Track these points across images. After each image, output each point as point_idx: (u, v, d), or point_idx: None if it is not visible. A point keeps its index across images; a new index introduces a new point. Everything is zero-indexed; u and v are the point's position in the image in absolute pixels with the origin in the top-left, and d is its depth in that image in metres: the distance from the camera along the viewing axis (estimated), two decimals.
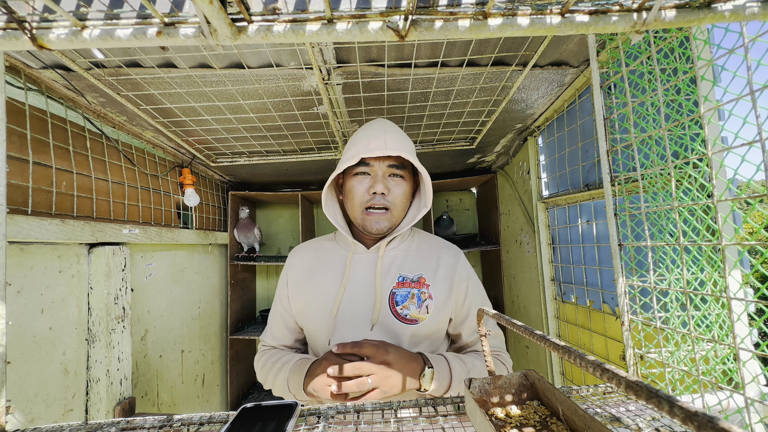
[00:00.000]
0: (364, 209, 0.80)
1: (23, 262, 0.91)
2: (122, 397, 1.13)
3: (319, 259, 0.87)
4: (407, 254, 0.86)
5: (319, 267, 0.86)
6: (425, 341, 0.80)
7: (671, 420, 0.50)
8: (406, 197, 0.83)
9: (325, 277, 0.84)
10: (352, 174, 0.81)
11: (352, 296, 0.80)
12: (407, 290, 0.80)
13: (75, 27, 0.37)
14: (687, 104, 0.65)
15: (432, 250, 0.88)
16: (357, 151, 0.78)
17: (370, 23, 0.36)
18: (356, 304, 0.79)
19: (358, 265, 0.83)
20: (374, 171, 0.80)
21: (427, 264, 0.85)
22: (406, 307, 0.78)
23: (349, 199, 0.82)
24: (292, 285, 0.86)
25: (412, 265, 0.84)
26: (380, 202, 0.79)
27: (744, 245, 0.51)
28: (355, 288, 0.81)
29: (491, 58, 0.90)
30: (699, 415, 0.21)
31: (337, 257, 0.86)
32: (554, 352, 0.34)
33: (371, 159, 0.79)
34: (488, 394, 0.50)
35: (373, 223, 0.80)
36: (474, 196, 2.45)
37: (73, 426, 0.54)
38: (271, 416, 0.50)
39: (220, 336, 1.96)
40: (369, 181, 0.80)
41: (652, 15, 0.35)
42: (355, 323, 0.78)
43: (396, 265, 0.83)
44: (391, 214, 0.81)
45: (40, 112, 0.96)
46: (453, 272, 0.84)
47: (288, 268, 0.89)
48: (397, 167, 0.80)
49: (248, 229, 2.01)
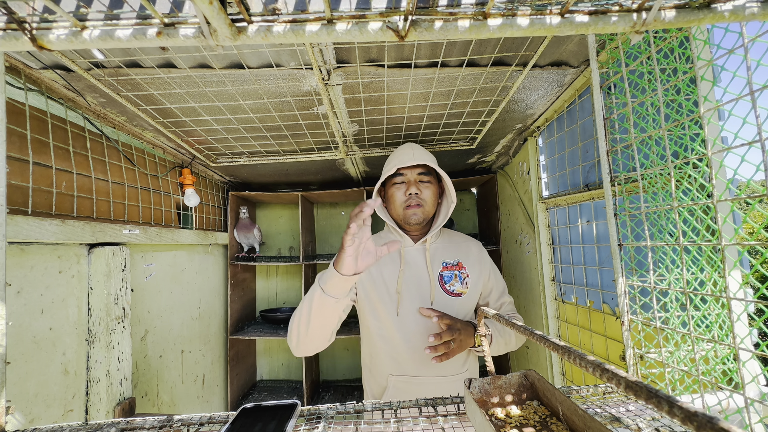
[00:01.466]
0: (404, 207, 1.04)
1: (23, 262, 0.91)
2: (122, 397, 1.13)
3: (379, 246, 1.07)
4: (445, 246, 1.11)
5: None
6: (467, 309, 1.06)
7: (671, 420, 0.50)
8: (434, 196, 1.07)
9: (386, 263, 1.06)
10: (392, 184, 1.07)
11: (408, 278, 1.04)
12: (451, 272, 1.06)
13: (75, 27, 0.37)
14: (687, 104, 0.65)
15: (461, 242, 1.15)
16: (394, 165, 1.03)
17: (370, 23, 0.36)
18: (413, 285, 1.03)
19: (410, 255, 1.07)
20: (408, 178, 1.05)
21: (461, 252, 1.11)
22: (452, 284, 1.05)
23: (391, 203, 1.07)
24: None
25: (451, 254, 1.10)
26: (415, 200, 1.03)
27: (744, 245, 0.51)
28: (411, 272, 1.05)
29: (491, 58, 0.90)
30: (698, 415, 0.21)
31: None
32: (554, 352, 0.34)
33: (404, 169, 1.05)
34: (488, 395, 0.50)
35: (412, 215, 1.03)
36: (474, 196, 2.45)
37: (73, 426, 0.54)
38: (271, 416, 0.50)
39: (220, 336, 1.96)
40: (405, 187, 1.05)
41: (652, 15, 0.35)
42: (417, 298, 1.02)
43: (438, 255, 1.08)
44: (424, 209, 1.04)
45: (40, 112, 0.96)
46: (480, 257, 1.12)
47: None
48: (425, 173, 1.05)
49: (248, 230, 2.01)
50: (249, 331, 2.01)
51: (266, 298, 2.38)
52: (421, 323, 0.99)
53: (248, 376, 2.18)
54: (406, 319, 1.00)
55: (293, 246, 2.39)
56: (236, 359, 2.00)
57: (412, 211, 1.03)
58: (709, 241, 0.58)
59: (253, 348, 2.29)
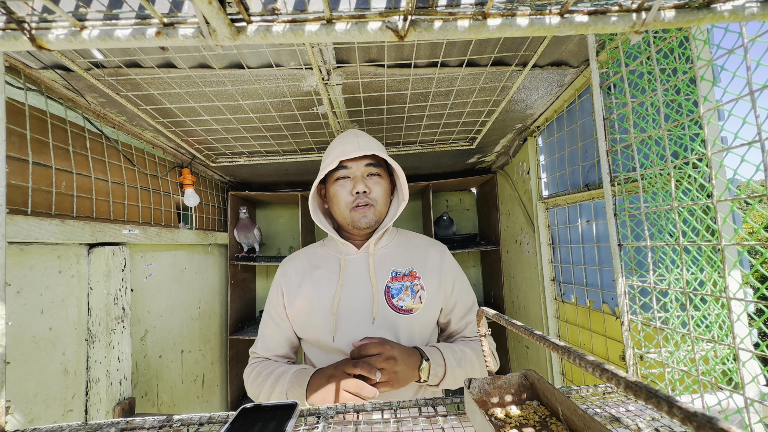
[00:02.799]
0: (351, 209, 0.86)
1: (23, 262, 0.91)
2: (122, 397, 1.13)
3: (312, 264, 0.92)
4: (396, 251, 0.92)
5: (314, 271, 0.90)
6: (420, 329, 0.86)
7: (671, 420, 0.50)
8: (386, 193, 0.89)
9: (322, 279, 0.88)
10: (334, 180, 0.88)
11: (349, 294, 0.85)
12: (401, 283, 0.86)
13: (74, 27, 0.37)
14: (686, 104, 0.65)
15: (419, 246, 0.95)
16: (335, 157, 0.84)
17: (370, 23, 0.36)
18: (354, 300, 0.85)
19: (351, 265, 0.89)
20: (353, 173, 0.86)
21: (416, 259, 0.91)
22: (401, 298, 0.85)
23: (334, 203, 0.88)
24: (288, 291, 0.90)
25: (402, 261, 0.90)
26: (363, 200, 0.85)
27: (743, 245, 0.51)
28: (352, 286, 0.86)
29: (491, 58, 0.90)
30: (698, 415, 0.21)
31: (331, 260, 0.91)
32: (554, 352, 0.34)
33: (349, 161, 0.85)
34: (488, 395, 0.50)
35: (361, 217, 0.85)
36: (474, 196, 2.45)
37: (72, 426, 0.53)
38: (271, 416, 0.50)
39: (220, 336, 1.96)
40: (350, 183, 0.86)
41: (652, 15, 0.35)
42: (355, 318, 0.83)
43: (388, 262, 0.89)
44: (375, 209, 0.87)
45: (39, 112, 0.96)
46: (441, 265, 0.92)
47: (281, 276, 0.93)
48: (374, 165, 0.87)
49: (248, 230, 2.01)
50: (249, 331, 2.01)
51: (266, 298, 2.38)
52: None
53: None
54: (343, 346, 0.81)
55: (293, 246, 2.40)
56: (236, 359, 1.99)
57: (361, 213, 0.85)
58: (708, 241, 0.58)
59: None
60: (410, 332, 0.84)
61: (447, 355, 0.79)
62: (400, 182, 0.90)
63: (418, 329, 0.86)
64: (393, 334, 0.82)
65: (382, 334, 0.81)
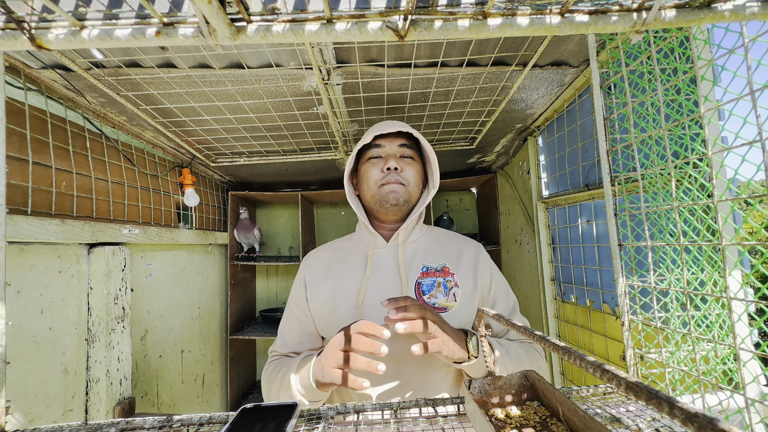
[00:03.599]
0: (379, 186, 0.81)
1: (23, 262, 0.91)
2: (122, 397, 1.13)
3: (337, 257, 0.87)
4: (427, 246, 0.86)
5: (339, 264, 0.85)
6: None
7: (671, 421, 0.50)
8: (418, 176, 0.84)
9: (347, 271, 0.83)
10: (365, 160, 0.84)
11: (376, 287, 0.79)
12: (432, 279, 0.80)
13: (74, 27, 0.37)
14: (687, 104, 0.65)
15: (452, 242, 0.89)
16: (370, 133, 0.82)
17: (370, 23, 0.36)
18: (381, 294, 0.77)
19: (379, 258, 0.83)
20: (386, 151, 0.83)
21: (449, 254, 0.85)
22: (433, 296, 0.78)
23: (364, 181, 0.84)
24: (311, 284, 0.84)
25: (434, 256, 0.84)
26: (395, 178, 0.80)
27: (744, 245, 0.51)
28: (379, 279, 0.80)
29: (491, 58, 0.90)
30: (699, 415, 0.21)
31: (357, 253, 0.86)
32: (554, 352, 0.34)
33: (382, 138, 0.83)
34: (488, 395, 0.50)
35: (389, 192, 0.79)
36: (474, 196, 2.45)
37: (72, 426, 0.53)
38: (271, 417, 0.50)
39: (220, 336, 1.96)
40: (382, 162, 0.82)
41: (652, 15, 0.35)
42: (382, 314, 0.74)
43: (418, 257, 0.83)
44: (407, 189, 0.81)
45: (39, 112, 0.96)
46: (476, 262, 0.85)
47: (304, 268, 0.88)
48: (408, 147, 0.84)
49: (248, 230, 2.01)
50: (249, 330, 2.01)
51: (266, 298, 2.38)
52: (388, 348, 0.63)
53: (248, 376, 2.18)
54: None
55: (293, 246, 2.39)
56: (236, 359, 1.99)
57: (391, 188, 0.79)
58: (709, 241, 0.58)
59: (253, 348, 2.29)
60: None
61: (492, 341, 0.72)
62: (432, 167, 0.85)
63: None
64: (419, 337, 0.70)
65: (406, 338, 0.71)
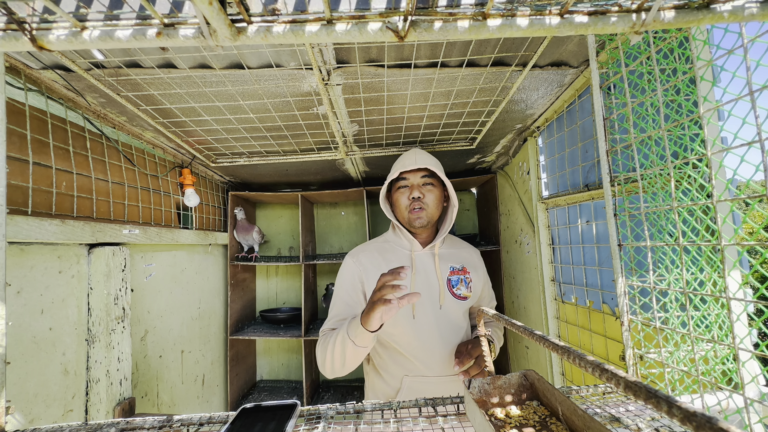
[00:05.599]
0: (409, 211, 1.09)
1: (23, 262, 0.91)
2: (122, 397, 1.13)
3: (383, 256, 1.13)
4: (450, 252, 1.19)
5: (387, 262, 1.10)
6: (466, 314, 1.14)
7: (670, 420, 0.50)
8: (437, 200, 1.11)
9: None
10: (396, 188, 1.13)
11: (420, 282, 1.09)
12: (458, 276, 1.13)
13: (75, 28, 0.37)
14: (686, 104, 0.65)
15: (464, 248, 1.23)
16: (397, 169, 1.10)
17: (370, 24, 0.36)
18: (424, 288, 1.08)
19: (419, 260, 1.12)
20: (410, 182, 1.10)
21: (464, 258, 1.19)
22: (459, 288, 1.12)
23: (396, 207, 1.14)
24: (367, 276, 1.08)
25: (456, 259, 1.17)
26: (418, 204, 1.08)
27: (743, 245, 0.51)
28: (421, 276, 1.10)
29: (491, 58, 0.90)
30: (698, 415, 0.21)
31: (401, 254, 1.14)
32: (554, 352, 0.34)
33: (407, 173, 1.10)
34: (488, 395, 0.50)
35: (416, 219, 1.09)
36: (474, 197, 2.45)
37: (72, 426, 0.53)
38: (271, 416, 0.50)
39: (220, 336, 1.96)
40: (408, 191, 1.10)
41: (651, 16, 0.36)
42: (427, 303, 1.07)
43: (446, 260, 1.15)
44: (427, 212, 1.09)
45: (40, 112, 0.96)
46: (479, 265, 1.21)
47: (356, 266, 1.11)
48: (428, 176, 1.11)
49: (246, 231, 2.01)
50: (249, 331, 2.01)
51: (266, 298, 2.38)
52: (434, 325, 1.05)
53: (248, 376, 2.18)
54: (420, 322, 1.05)
55: (293, 246, 2.39)
56: (236, 359, 1.99)
57: (416, 215, 1.08)
58: (708, 242, 0.58)
59: (253, 348, 2.29)
60: (460, 316, 1.10)
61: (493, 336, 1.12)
62: (450, 191, 1.13)
63: (465, 314, 1.13)
64: (455, 315, 1.09)
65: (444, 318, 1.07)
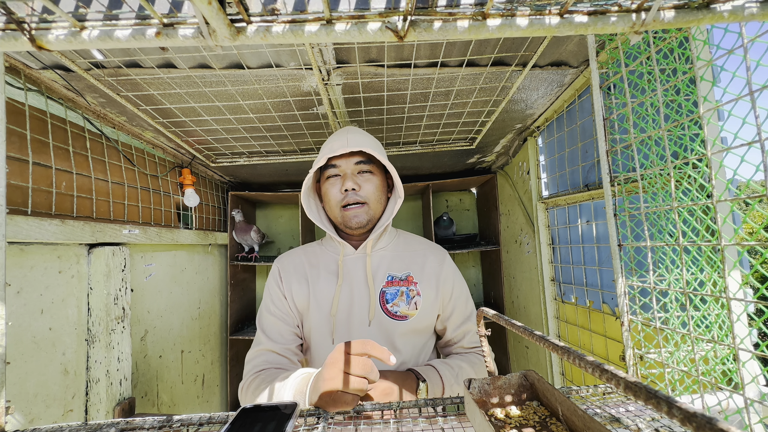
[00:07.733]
0: (341, 207, 0.84)
1: (23, 262, 0.91)
2: (122, 397, 1.13)
3: (310, 262, 0.92)
4: (394, 254, 0.90)
5: (312, 270, 0.90)
6: (416, 336, 0.85)
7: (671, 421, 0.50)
8: (378, 190, 0.86)
9: (320, 278, 0.87)
10: (325, 178, 0.87)
11: (347, 295, 0.84)
12: (396, 288, 0.85)
13: (74, 28, 0.37)
14: (686, 104, 0.65)
15: (418, 250, 0.93)
16: (324, 154, 0.83)
17: (369, 24, 0.36)
18: (352, 303, 0.84)
19: (349, 266, 0.87)
20: (343, 170, 0.84)
21: (414, 263, 0.89)
22: (396, 304, 0.83)
23: (326, 202, 0.87)
24: (288, 284, 0.88)
25: (400, 265, 0.88)
26: (353, 198, 0.83)
27: (743, 246, 0.51)
28: (350, 287, 0.85)
29: (491, 58, 0.90)
30: (698, 415, 0.21)
31: (329, 260, 0.90)
32: (554, 352, 0.34)
33: (337, 158, 0.84)
34: (488, 395, 0.50)
35: (352, 217, 0.83)
36: (474, 197, 2.45)
37: (72, 426, 0.53)
38: (271, 417, 0.50)
39: (220, 336, 1.96)
40: (340, 181, 0.84)
41: (651, 15, 0.35)
42: (352, 321, 0.83)
43: (385, 265, 0.88)
44: (368, 207, 0.84)
45: (39, 112, 0.96)
46: (439, 271, 0.89)
47: (279, 270, 0.91)
48: (364, 163, 0.85)
49: (245, 232, 2.01)
50: (249, 331, 2.01)
51: None
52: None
53: None
54: None
55: (293, 246, 2.39)
56: (236, 359, 1.99)
57: (353, 213, 0.83)
58: (708, 242, 0.58)
59: None
60: (405, 339, 0.83)
61: (444, 372, 0.75)
62: (394, 178, 0.85)
63: (414, 336, 0.84)
64: (388, 339, 0.81)
65: (378, 339, 0.80)
